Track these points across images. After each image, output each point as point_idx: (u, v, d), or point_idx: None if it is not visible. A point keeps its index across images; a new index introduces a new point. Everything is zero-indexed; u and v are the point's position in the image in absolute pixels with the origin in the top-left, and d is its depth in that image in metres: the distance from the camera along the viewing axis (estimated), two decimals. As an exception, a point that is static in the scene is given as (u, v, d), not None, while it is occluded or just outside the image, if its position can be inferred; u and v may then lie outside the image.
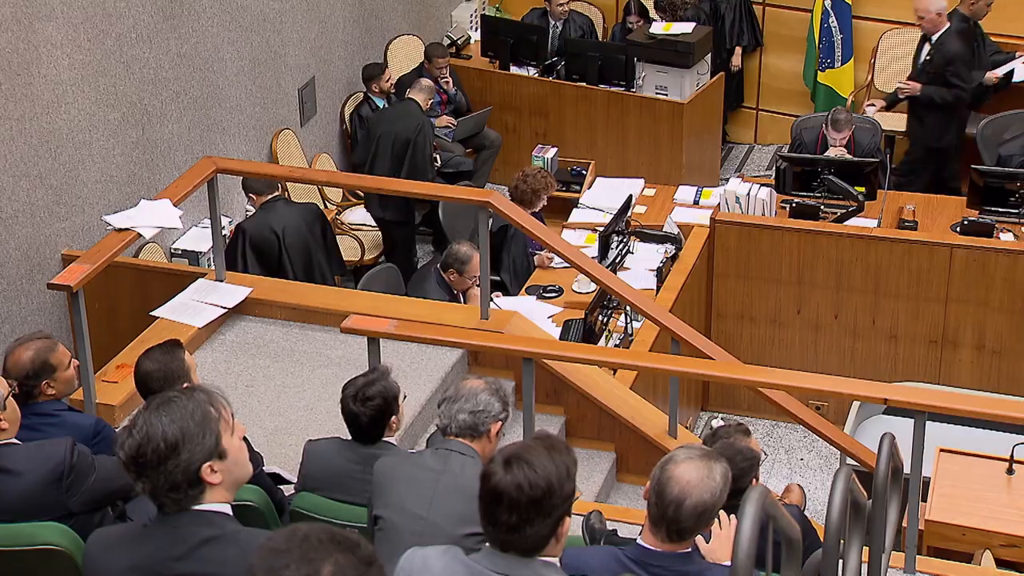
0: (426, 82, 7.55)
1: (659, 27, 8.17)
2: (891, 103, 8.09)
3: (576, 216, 7.32)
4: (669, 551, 2.74)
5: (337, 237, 6.91)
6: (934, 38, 7.53)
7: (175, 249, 6.69)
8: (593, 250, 6.59)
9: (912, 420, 4.06)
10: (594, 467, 5.28)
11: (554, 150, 8.03)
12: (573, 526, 3.17)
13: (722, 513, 3.20)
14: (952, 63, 7.44)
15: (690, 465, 2.72)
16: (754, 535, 2.18)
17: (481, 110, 8.52)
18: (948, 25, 7.52)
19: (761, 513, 2.22)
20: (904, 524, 4.13)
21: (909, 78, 7.77)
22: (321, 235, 6.66)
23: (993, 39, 8.01)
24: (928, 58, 7.56)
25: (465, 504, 2.97)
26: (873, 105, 7.86)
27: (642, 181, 7.60)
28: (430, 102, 7.63)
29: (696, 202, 7.35)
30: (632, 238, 6.91)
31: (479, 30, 9.06)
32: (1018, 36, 8.16)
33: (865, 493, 3.50)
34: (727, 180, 7.64)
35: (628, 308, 5.98)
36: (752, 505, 2.21)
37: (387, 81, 8.05)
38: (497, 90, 8.70)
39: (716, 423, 5.14)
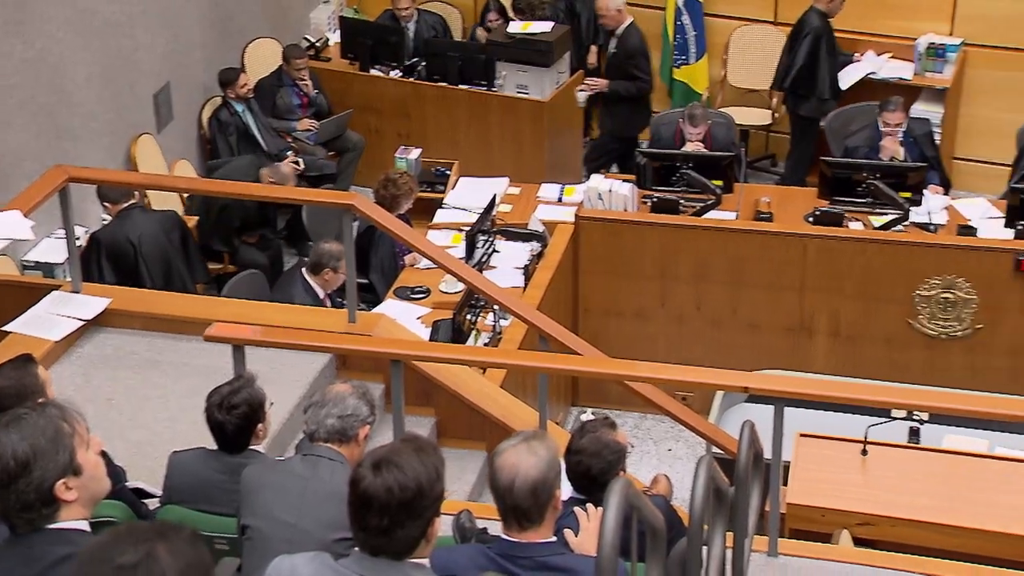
0: (286, 169, 7.33)
1: (517, 26, 8.24)
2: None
3: (441, 216, 7.34)
4: (531, 541, 2.79)
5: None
6: (618, 32, 7.87)
7: (27, 261, 6.49)
8: (460, 250, 6.61)
9: (772, 407, 4.18)
10: (466, 466, 5.30)
11: (417, 151, 8.03)
12: (444, 526, 3.19)
13: (589, 506, 3.26)
14: (633, 57, 7.92)
15: (512, 451, 2.80)
16: (618, 526, 2.23)
17: (342, 112, 8.47)
18: (630, 20, 7.94)
19: (625, 504, 2.27)
20: (767, 508, 4.25)
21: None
22: (180, 243, 6.53)
23: (837, 35, 8.30)
24: (614, 52, 7.95)
25: (335, 509, 2.96)
26: (583, 91, 8.15)
27: (506, 180, 7.65)
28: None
29: (560, 199, 7.43)
30: (498, 237, 6.96)
31: (338, 32, 9.00)
32: (862, 32, 8.46)
33: (728, 480, 3.59)
34: (589, 177, 7.74)
35: (496, 307, 6.02)
36: (615, 497, 2.25)
37: (243, 87, 7.94)
38: (358, 92, 8.66)
39: (585, 417, 5.21)
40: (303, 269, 6.16)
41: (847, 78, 8.20)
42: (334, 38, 9.08)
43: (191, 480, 3.63)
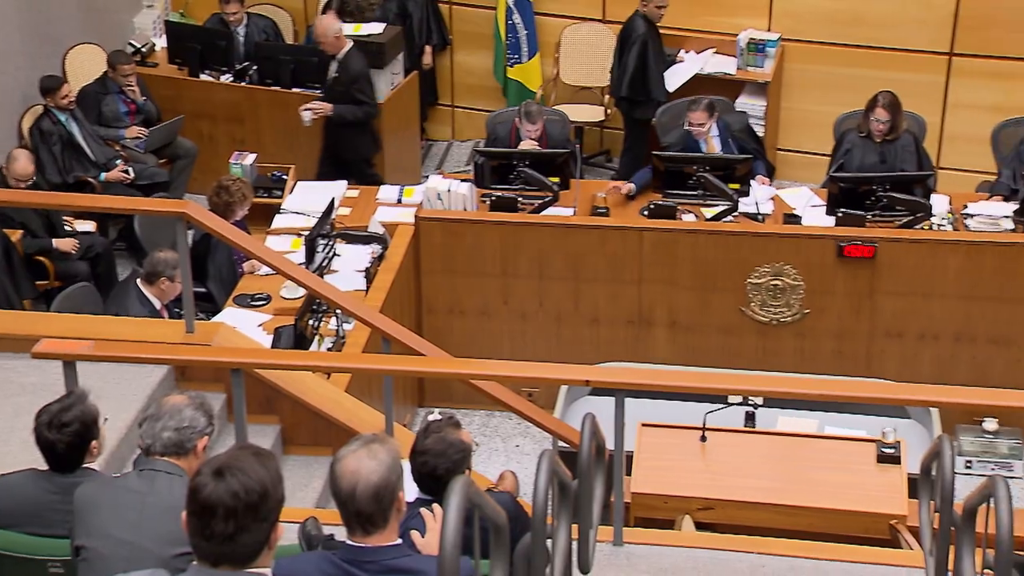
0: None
1: (349, 28, 8.19)
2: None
3: (279, 222, 7.24)
4: (376, 545, 2.78)
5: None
6: (339, 57, 7.78)
7: None
8: (300, 255, 6.54)
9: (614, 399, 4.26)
10: (313, 473, 5.24)
11: (252, 156, 7.90)
12: (290, 534, 3.15)
13: (436, 506, 3.27)
14: (357, 81, 7.77)
15: (352, 456, 2.79)
16: (459, 525, 2.24)
17: (172, 119, 8.28)
18: (349, 45, 7.78)
19: (466, 503, 2.29)
20: (612, 499, 4.33)
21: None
22: (4, 258, 6.28)
23: (664, 32, 8.50)
24: (335, 76, 7.83)
25: (175, 524, 2.88)
26: (308, 110, 7.84)
27: (344, 183, 7.59)
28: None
29: (399, 201, 7.41)
30: (338, 240, 6.90)
31: (164, 37, 8.80)
32: (686, 29, 8.69)
33: (571, 473, 3.65)
34: (428, 177, 7.75)
35: (338, 311, 5.98)
36: (456, 496, 2.27)
37: (64, 97, 7.66)
38: (189, 98, 8.48)
39: (432, 418, 5.22)
40: (137, 280, 6.00)
41: (676, 79, 8.40)
42: (160, 43, 8.87)
43: (19, 503, 3.50)
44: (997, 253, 6.51)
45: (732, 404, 5.72)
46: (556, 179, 7.07)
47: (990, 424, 6.42)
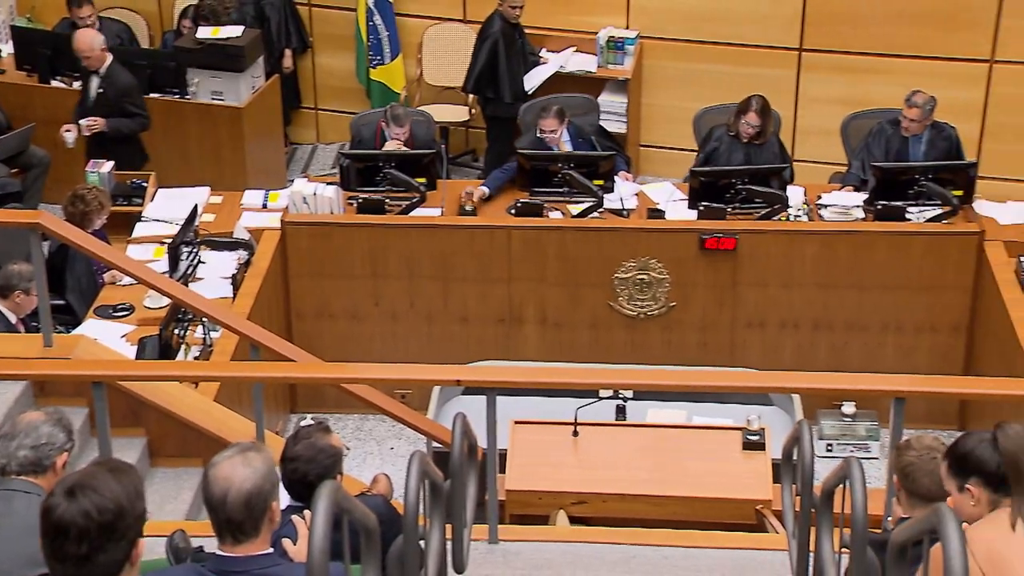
0: None
1: (207, 31, 8.05)
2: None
3: (141, 230, 7.08)
4: (247, 555, 2.75)
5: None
6: (101, 71, 7.60)
7: None
8: (163, 264, 6.41)
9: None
10: (182, 485, 5.15)
11: (110, 164, 7.70)
12: (158, 548, 3.10)
13: (307, 513, 3.24)
14: (128, 94, 7.65)
15: (226, 463, 2.77)
16: (327, 530, 2.24)
17: (23, 127, 8.02)
18: (111, 59, 7.59)
19: (334, 508, 2.28)
20: (486, 497, 4.35)
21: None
22: None
23: (527, 31, 8.58)
24: (100, 91, 7.65)
25: (34, 544, 2.82)
26: (70, 132, 7.61)
27: (207, 189, 7.46)
28: None
29: (264, 205, 7.32)
30: (202, 247, 6.79)
31: (10, 42, 8.52)
32: (547, 28, 8.77)
33: (443, 474, 3.66)
34: (293, 181, 7.67)
35: (204, 319, 5.88)
36: (323, 501, 2.26)
37: None
38: (40, 105, 8.23)
39: (305, 423, 5.17)
40: (-11, 295, 5.80)
41: (536, 78, 8.47)
42: (7, 49, 8.59)
43: None
44: (850, 242, 6.74)
45: (603, 398, 5.81)
46: (423, 180, 7.07)
47: (848, 408, 6.64)
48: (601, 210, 7.03)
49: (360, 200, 7.10)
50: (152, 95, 8.02)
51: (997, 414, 5.76)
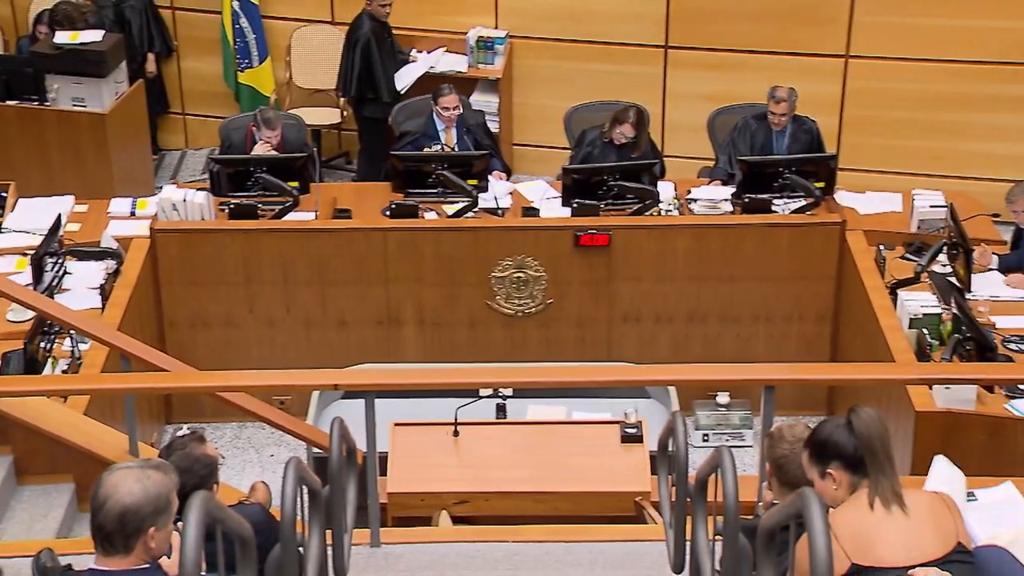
0: None
1: (66, 36, 7.83)
2: None
3: (1, 242, 6.87)
4: (123, 569, 2.70)
5: None
6: None
7: None
8: (27, 275, 6.23)
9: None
10: (52, 502, 5.02)
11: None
12: (24, 570, 3.01)
13: (180, 525, 3.19)
14: None
15: (122, 472, 2.74)
16: (199, 542, 2.21)
17: None
18: None
19: (205, 519, 2.25)
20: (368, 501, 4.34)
21: None
22: None
23: (395, 32, 8.56)
24: None
25: None
26: None
27: (71, 198, 7.27)
28: None
29: (133, 213, 7.16)
30: (68, 258, 6.62)
31: None
32: (416, 28, 8.77)
33: (322, 480, 3.64)
34: (162, 188, 7.52)
35: (72, 331, 5.73)
36: (194, 512, 2.23)
37: None
38: None
39: (180, 434, 5.09)
40: None
41: (406, 78, 8.47)
42: None
43: None
44: (720, 235, 6.88)
45: (483, 397, 5.83)
46: (295, 184, 7.01)
47: (723, 398, 6.78)
48: (476, 210, 7.05)
49: (232, 205, 7.00)
50: (9, 102, 7.78)
51: (861, 398, 5.96)
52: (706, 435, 6.73)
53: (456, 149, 7.48)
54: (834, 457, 3.06)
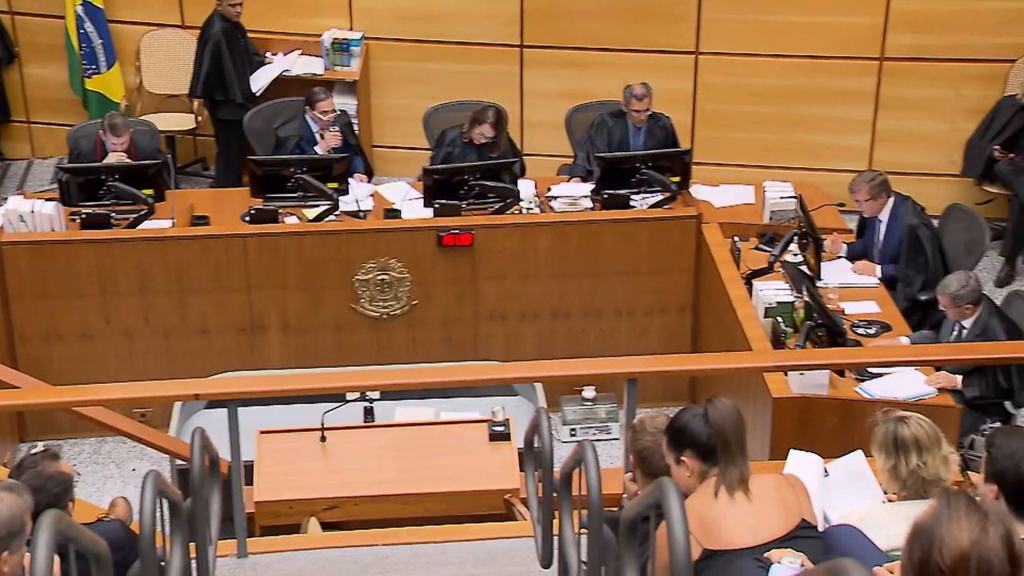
0: None
1: None
2: None
3: None
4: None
5: None
6: None
7: None
8: None
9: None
10: None
11: None
12: None
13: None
14: None
15: None
16: (49, 562, 2.15)
17: None
18: None
19: (56, 537, 2.19)
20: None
21: None
22: None
23: (250, 34, 8.44)
24: None
25: None
26: None
27: (-89, 211, 6.98)
28: None
29: (-24, 226, 6.91)
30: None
31: None
32: (270, 31, 8.66)
33: (184, 492, 3.57)
34: (7, 199, 7.27)
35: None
36: (44, 532, 2.17)
37: None
38: None
39: (34, 452, 4.93)
40: None
41: (261, 80, 8.35)
42: None
43: None
44: (580, 231, 6.97)
45: (350, 401, 5.80)
46: (150, 191, 6.86)
47: (589, 392, 6.86)
48: (337, 213, 7.00)
49: (83, 215, 6.82)
50: None
51: (721, 386, 6.12)
52: (573, 430, 6.81)
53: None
54: (688, 445, 3.13)
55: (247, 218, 6.99)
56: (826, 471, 3.88)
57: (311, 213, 7.00)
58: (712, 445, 3.09)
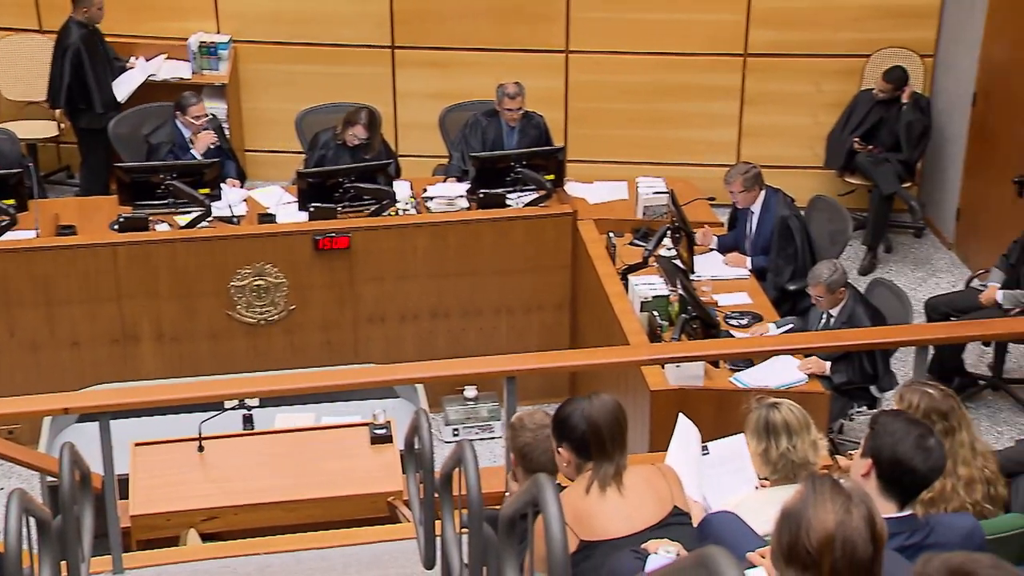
0: None
1: None
2: None
3: None
4: None
5: None
6: None
7: None
8: None
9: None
10: None
11: None
12: None
13: None
14: None
15: None
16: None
17: None
18: None
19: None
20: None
21: None
22: None
23: (111, 40, 8.25)
24: None
25: None
26: None
27: None
28: None
29: None
30: None
31: None
32: (133, 36, 8.48)
33: (55, 509, 3.47)
34: None
35: None
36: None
37: None
38: None
39: None
40: None
41: (126, 87, 8.16)
42: None
43: None
44: (457, 231, 6.98)
45: (228, 409, 5.71)
46: (11, 201, 6.69)
47: (470, 391, 6.88)
48: (210, 219, 6.89)
49: (-60, 229, 6.58)
50: None
51: (601, 381, 6.19)
52: (456, 430, 6.82)
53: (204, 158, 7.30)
54: (565, 438, 3.18)
55: (116, 226, 6.84)
56: (706, 448, 3.98)
57: (183, 220, 6.88)
58: (586, 442, 3.13)
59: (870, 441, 3.04)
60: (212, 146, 7.35)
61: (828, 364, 5.87)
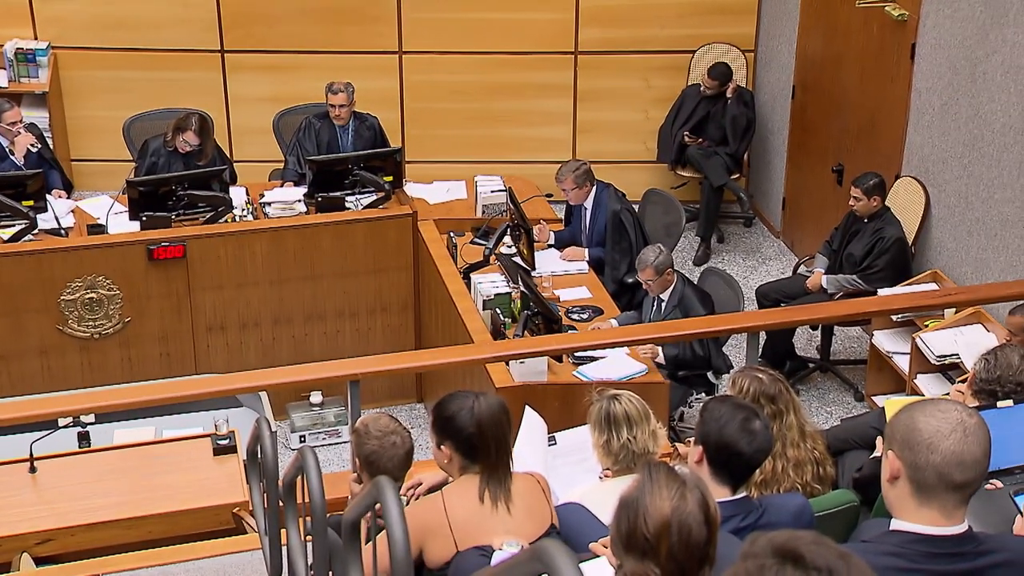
0: None
1: None
2: None
3: None
4: None
5: None
6: None
7: None
8: None
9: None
10: None
11: None
12: None
13: None
14: None
15: None
16: None
17: None
18: None
19: None
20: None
21: None
22: None
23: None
24: None
25: None
26: None
27: None
28: None
29: None
30: None
31: None
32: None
33: None
34: None
35: None
36: None
37: None
38: None
39: None
40: None
41: None
42: None
43: None
44: (296, 235, 6.90)
45: (62, 427, 5.51)
46: None
47: (316, 397, 6.81)
48: (36, 232, 6.66)
49: None
50: None
51: (447, 380, 6.21)
52: (302, 436, 6.74)
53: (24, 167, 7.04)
54: (450, 437, 3.21)
55: (-66, 242, 6.55)
56: (554, 439, 4.04)
57: (6, 233, 6.63)
58: (473, 444, 3.16)
59: (699, 428, 3.12)
60: (33, 148, 7.09)
61: (660, 348, 6.02)
